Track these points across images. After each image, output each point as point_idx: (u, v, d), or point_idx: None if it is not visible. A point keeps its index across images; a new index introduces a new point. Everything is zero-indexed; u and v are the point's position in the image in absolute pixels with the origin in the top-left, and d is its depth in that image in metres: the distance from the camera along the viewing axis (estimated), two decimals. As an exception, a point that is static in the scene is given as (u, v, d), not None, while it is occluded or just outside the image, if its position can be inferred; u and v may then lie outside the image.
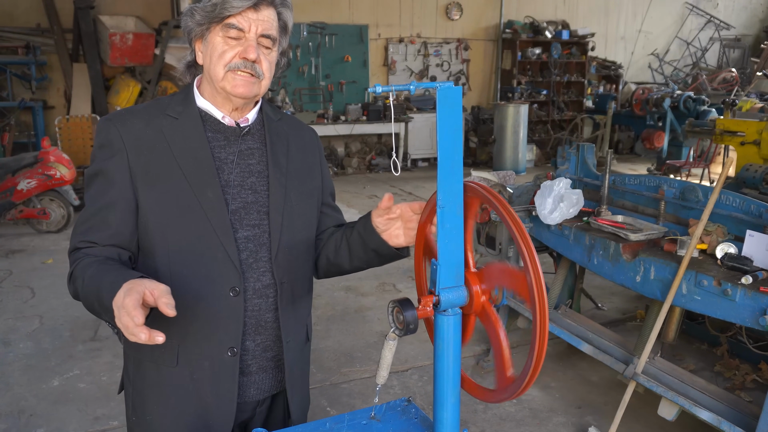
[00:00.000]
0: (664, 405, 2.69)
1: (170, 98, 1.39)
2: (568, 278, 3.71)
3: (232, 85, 1.29)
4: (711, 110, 8.70)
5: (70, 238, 1.33)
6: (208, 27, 1.30)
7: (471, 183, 1.20)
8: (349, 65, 10.50)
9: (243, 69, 1.28)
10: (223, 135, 1.36)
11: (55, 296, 4.75)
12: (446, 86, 1.08)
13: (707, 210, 2.56)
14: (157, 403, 1.38)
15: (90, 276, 1.21)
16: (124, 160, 1.29)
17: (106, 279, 1.17)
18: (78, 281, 1.24)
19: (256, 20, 1.28)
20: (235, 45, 1.28)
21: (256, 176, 1.38)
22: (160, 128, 1.32)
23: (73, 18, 8.53)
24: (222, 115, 1.36)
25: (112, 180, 1.29)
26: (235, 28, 1.27)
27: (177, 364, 1.35)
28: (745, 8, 14.23)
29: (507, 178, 4.36)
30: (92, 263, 1.25)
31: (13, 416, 3.14)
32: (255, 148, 1.39)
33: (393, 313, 1.17)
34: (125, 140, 1.30)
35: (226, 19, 1.27)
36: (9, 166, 6.23)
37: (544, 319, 1.04)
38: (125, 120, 1.32)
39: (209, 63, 1.31)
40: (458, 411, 1.21)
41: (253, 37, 1.28)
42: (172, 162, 1.30)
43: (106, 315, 1.15)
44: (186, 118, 1.34)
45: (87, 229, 1.30)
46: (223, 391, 1.36)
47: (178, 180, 1.30)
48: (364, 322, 4.28)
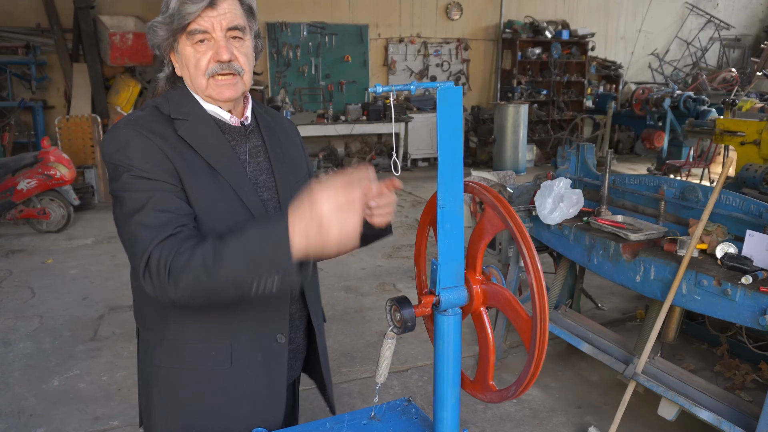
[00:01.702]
0: (664, 405, 2.69)
1: (165, 101, 1.32)
2: (568, 278, 3.71)
3: (217, 91, 1.29)
4: (711, 110, 8.70)
5: (142, 241, 1.14)
6: (174, 39, 1.27)
7: (471, 183, 1.20)
8: (349, 65, 10.50)
9: (222, 72, 1.27)
10: (231, 135, 1.36)
11: (55, 296, 4.75)
12: (446, 86, 1.08)
13: (707, 210, 2.56)
14: (208, 410, 1.34)
15: (229, 239, 1.08)
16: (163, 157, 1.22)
17: (255, 228, 1.08)
18: (198, 258, 1.08)
19: (218, 16, 1.25)
20: (206, 49, 1.26)
21: (266, 174, 1.38)
22: (175, 130, 1.27)
23: (73, 18, 8.52)
24: (229, 116, 1.36)
25: (160, 178, 1.20)
26: (199, 32, 1.25)
27: (231, 364, 1.32)
28: (745, 8, 14.22)
29: (507, 178, 4.36)
30: (207, 239, 1.11)
31: (13, 416, 3.14)
32: (259, 146, 1.40)
33: (391, 311, 1.17)
34: (154, 141, 1.23)
35: (187, 27, 1.24)
36: (9, 166, 6.23)
37: (544, 319, 1.04)
38: (145, 125, 1.25)
39: (189, 76, 1.30)
40: (458, 411, 1.21)
41: (220, 35, 1.26)
42: (201, 161, 1.27)
43: (264, 266, 1.04)
44: (197, 119, 1.30)
45: (167, 217, 1.17)
46: (276, 381, 1.38)
47: (213, 176, 1.27)
48: (364, 322, 4.28)
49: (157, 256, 1.11)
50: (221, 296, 1.11)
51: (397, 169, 1.32)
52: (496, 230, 1.12)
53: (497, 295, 1.16)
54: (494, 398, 1.22)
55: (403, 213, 7.55)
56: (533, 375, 1.09)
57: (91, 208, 7.53)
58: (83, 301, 4.66)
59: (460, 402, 1.21)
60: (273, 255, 1.04)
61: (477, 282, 1.18)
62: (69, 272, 5.33)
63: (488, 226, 1.14)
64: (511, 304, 1.13)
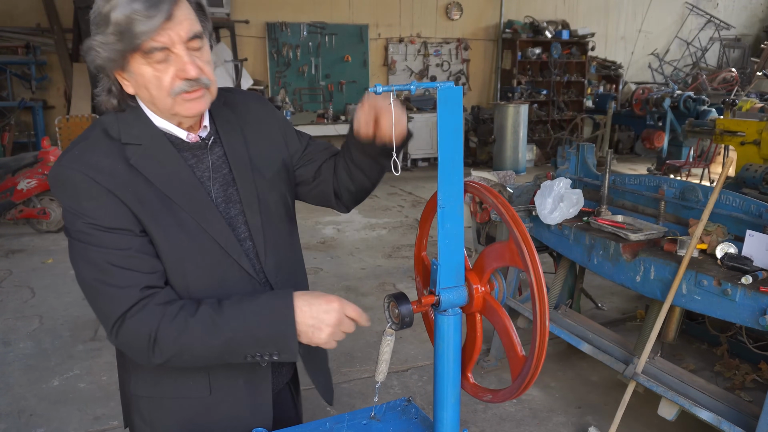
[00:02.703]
0: (664, 405, 2.68)
1: (113, 122, 1.19)
2: (568, 278, 3.70)
3: (185, 108, 1.16)
4: (711, 110, 8.70)
5: (109, 301, 1.11)
6: (124, 59, 1.10)
7: (471, 183, 1.20)
8: (349, 65, 10.50)
9: (189, 90, 1.13)
10: (191, 153, 1.24)
11: (55, 296, 4.75)
12: (447, 86, 1.08)
13: (707, 210, 2.56)
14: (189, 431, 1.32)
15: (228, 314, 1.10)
16: (117, 204, 1.12)
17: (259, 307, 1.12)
18: (195, 332, 1.08)
19: (176, 27, 1.09)
20: (166, 67, 1.11)
21: (233, 185, 1.28)
22: (126, 160, 1.15)
23: (73, 18, 8.52)
24: (186, 134, 1.23)
25: (116, 227, 1.12)
26: (157, 50, 1.08)
27: (210, 393, 1.29)
28: (745, 8, 14.22)
29: (507, 178, 4.36)
30: (198, 307, 1.11)
31: (13, 416, 3.14)
32: (222, 155, 1.28)
33: (389, 307, 1.17)
34: (104, 183, 1.12)
35: (142, 45, 1.07)
36: (9, 166, 6.23)
37: (544, 319, 1.04)
38: (89, 162, 1.13)
39: (150, 96, 1.14)
40: (458, 411, 1.21)
41: (181, 49, 1.11)
42: (158, 193, 1.16)
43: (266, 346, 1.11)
44: (151, 142, 1.18)
45: (135, 276, 1.11)
46: (261, 401, 1.34)
47: (172, 210, 1.17)
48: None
49: (135, 325, 1.09)
50: (207, 362, 1.17)
51: (397, 169, 1.29)
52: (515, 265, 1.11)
53: (496, 317, 1.16)
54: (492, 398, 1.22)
55: (403, 213, 7.55)
56: (533, 375, 1.09)
57: (91, 208, 7.52)
58: (83, 301, 4.66)
59: (460, 402, 1.21)
60: (276, 335, 1.11)
61: (479, 284, 1.18)
62: (69, 272, 5.33)
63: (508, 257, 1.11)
64: (509, 334, 1.14)
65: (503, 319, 1.15)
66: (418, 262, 1.36)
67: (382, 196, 8.58)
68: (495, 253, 1.15)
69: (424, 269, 1.34)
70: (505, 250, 1.11)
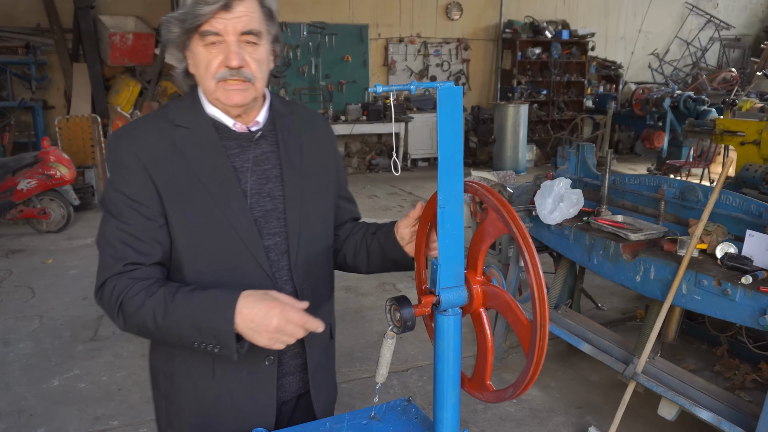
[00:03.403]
0: (664, 405, 2.68)
1: (176, 106, 1.32)
2: (568, 278, 3.70)
3: (225, 96, 1.24)
4: (711, 110, 8.70)
5: (102, 267, 1.23)
6: (187, 37, 1.23)
7: (471, 183, 1.20)
8: (349, 65, 10.50)
9: (231, 78, 1.22)
10: (236, 142, 1.31)
11: (55, 296, 4.75)
12: (447, 86, 1.08)
13: (707, 210, 2.56)
14: (195, 415, 1.37)
15: (179, 300, 1.17)
16: (146, 178, 1.23)
17: (205, 300, 1.16)
18: (149, 309, 1.17)
19: (232, 19, 1.19)
20: (217, 52, 1.22)
21: (273, 182, 1.33)
22: (173, 141, 1.26)
23: (73, 18, 8.53)
24: (233, 122, 1.31)
25: (138, 200, 1.23)
26: (211, 33, 1.20)
27: (213, 377, 1.33)
28: (745, 8, 14.22)
29: (507, 178, 4.36)
30: (160, 288, 1.19)
31: (13, 416, 3.14)
32: (269, 152, 1.34)
33: (391, 311, 1.17)
34: (141, 158, 1.23)
35: (199, 27, 1.20)
36: (9, 166, 6.24)
37: (544, 319, 1.04)
38: (137, 136, 1.26)
39: (199, 75, 1.26)
40: (458, 411, 1.21)
41: (233, 39, 1.21)
42: (191, 175, 1.24)
43: (207, 337, 1.15)
44: (197, 127, 1.28)
45: (126, 252, 1.22)
46: (263, 399, 1.36)
47: (199, 192, 1.24)
48: (364, 322, 4.28)
49: (111, 287, 1.21)
50: (165, 341, 1.25)
51: (397, 169, 1.35)
52: (499, 233, 1.11)
53: (497, 298, 1.16)
54: (491, 398, 1.22)
55: (403, 213, 7.55)
56: (533, 375, 1.09)
57: (91, 208, 7.53)
58: (83, 301, 4.66)
59: (460, 402, 1.21)
60: (215, 328, 1.15)
61: (477, 282, 1.18)
62: (69, 272, 5.33)
63: (491, 229, 1.13)
64: (511, 307, 1.13)
65: (504, 296, 1.14)
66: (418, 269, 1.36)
67: (382, 196, 8.58)
68: (479, 234, 1.15)
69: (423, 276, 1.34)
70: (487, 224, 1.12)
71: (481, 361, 1.23)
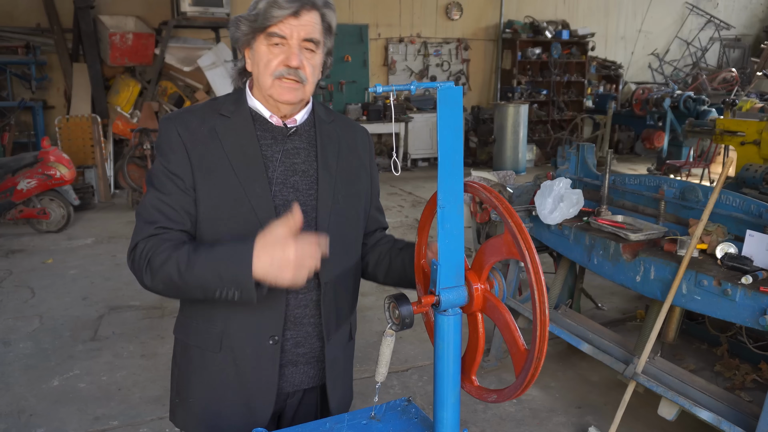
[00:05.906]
0: (664, 405, 2.69)
1: (225, 98, 1.46)
2: (568, 278, 3.71)
3: (278, 92, 1.36)
4: (711, 110, 8.70)
5: (137, 231, 1.36)
6: (253, 36, 1.36)
7: (471, 183, 1.20)
8: (349, 65, 10.50)
9: (287, 76, 1.34)
10: (271, 134, 1.42)
11: (55, 296, 4.75)
12: (447, 86, 1.08)
13: (707, 210, 2.56)
14: (200, 386, 1.45)
15: (201, 252, 1.26)
16: (184, 155, 1.36)
17: (224, 249, 1.25)
18: (173, 263, 1.26)
19: (298, 26, 1.32)
20: (278, 53, 1.34)
21: (300, 175, 1.42)
22: (214, 126, 1.39)
23: (73, 18, 8.52)
24: (270, 115, 1.42)
25: (176, 174, 1.35)
26: (277, 35, 1.32)
27: (220, 349, 1.41)
28: (745, 8, 14.23)
29: (507, 178, 4.36)
30: (184, 245, 1.29)
31: (13, 416, 3.14)
32: (301, 148, 1.44)
33: (389, 308, 1.18)
34: (183, 137, 1.37)
35: (268, 28, 1.32)
36: (9, 166, 6.23)
37: (544, 319, 1.04)
38: (183, 119, 1.40)
39: (257, 72, 1.38)
40: (458, 411, 1.21)
41: (295, 43, 1.33)
42: (223, 157, 1.36)
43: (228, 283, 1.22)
44: (238, 116, 1.41)
45: (159, 217, 1.34)
46: (265, 377, 1.42)
47: (228, 174, 1.36)
48: (364, 322, 4.28)
49: (141, 248, 1.32)
50: (189, 294, 1.32)
51: (397, 169, 1.34)
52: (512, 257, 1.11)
53: (497, 313, 1.16)
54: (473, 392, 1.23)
55: (403, 213, 7.56)
56: (533, 375, 1.09)
57: (91, 208, 7.53)
58: (83, 301, 4.66)
59: (460, 402, 1.21)
60: (235, 274, 1.22)
61: (478, 282, 1.18)
62: (69, 272, 5.33)
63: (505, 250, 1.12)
64: (510, 329, 1.13)
65: (504, 315, 1.14)
66: (418, 270, 1.36)
67: (382, 195, 8.55)
68: (492, 248, 1.15)
69: (424, 277, 1.34)
70: (501, 243, 1.11)
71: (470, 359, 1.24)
